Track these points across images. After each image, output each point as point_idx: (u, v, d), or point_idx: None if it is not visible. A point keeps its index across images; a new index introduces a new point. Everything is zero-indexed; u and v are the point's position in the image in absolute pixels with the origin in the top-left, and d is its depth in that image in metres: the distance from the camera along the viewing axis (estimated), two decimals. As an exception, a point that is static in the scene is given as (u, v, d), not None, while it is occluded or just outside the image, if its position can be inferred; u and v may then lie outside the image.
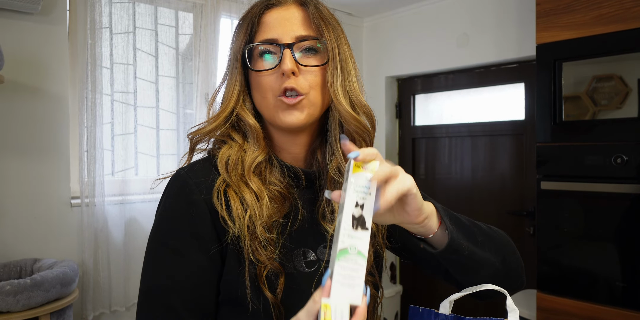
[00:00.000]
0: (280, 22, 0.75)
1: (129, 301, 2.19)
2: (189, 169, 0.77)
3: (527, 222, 2.54)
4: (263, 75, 0.75)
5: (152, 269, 0.73)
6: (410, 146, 3.14)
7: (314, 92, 0.75)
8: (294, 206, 0.77)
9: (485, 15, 2.63)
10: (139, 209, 2.23)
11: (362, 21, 3.27)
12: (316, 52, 0.76)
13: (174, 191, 0.75)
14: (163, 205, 0.76)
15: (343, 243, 0.54)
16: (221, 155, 0.76)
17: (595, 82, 1.80)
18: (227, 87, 0.79)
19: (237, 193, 0.72)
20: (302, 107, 0.74)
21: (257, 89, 0.77)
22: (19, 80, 1.90)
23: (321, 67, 0.75)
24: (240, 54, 0.77)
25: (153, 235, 0.75)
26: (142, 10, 2.33)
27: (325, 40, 0.75)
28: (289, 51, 0.73)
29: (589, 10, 1.78)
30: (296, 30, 0.75)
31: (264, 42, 0.75)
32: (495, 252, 0.77)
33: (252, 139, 0.78)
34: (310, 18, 0.75)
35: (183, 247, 0.71)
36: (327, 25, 0.75)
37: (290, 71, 0.72)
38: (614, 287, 1.74)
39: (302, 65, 0.74)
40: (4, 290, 1.51)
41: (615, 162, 1.71)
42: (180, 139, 2.45)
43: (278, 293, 0.71)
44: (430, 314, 0.71)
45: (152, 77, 2.37)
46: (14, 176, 1.92)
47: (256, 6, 0.78)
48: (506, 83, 2.69)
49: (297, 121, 0.74)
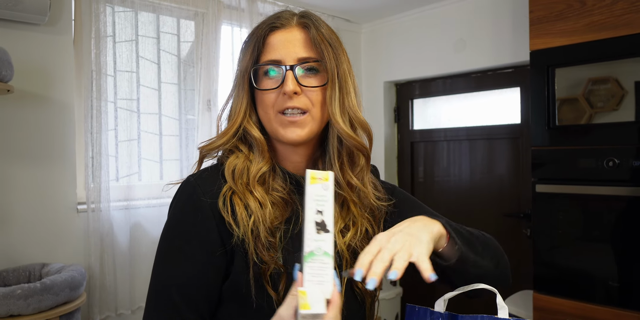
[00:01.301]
0: (283, 44, 0.80)
1: (135, 304, 2.24)
2: (197, 176, 0.82)
3: (524, 224, 2.58)
4: (266, 94, 0.81)
5: (161, 269, 0.78)
6: (409, 150, 3.19)
7: (315, 109, 0.80)
8: (295, 211, 0.82)
9: (482, 21, 2.68)
10: (143, 214, 2.28)
11: (361, 27, 3.32)
12: (317, 71, 0.81)
13: (183, 197, 0.80)
14: (173, 210, 0.81)
15: (309, 246, 0.61)
16: (228, 164, 0.81)
17: (592, 85, 1.84)
18: (235, 103, 0.85)
19: (242, 200, 0.78)
20: (304, 124, 0.80)
21: (260, 106, 0.83)
22: (26, 89, 1.95)
23: (322, 86, 0.80)
24: (247, 73, 0.82)
25: (163, 237, 0.80)
26: (145, 18, 2.37)
27: (325, 62, 0.80)
28: (291, 73, 0.78)
29: (581, 18, 1.83)
30: (298, 52, 0.80)
31: (268, 62, 0.80)
32: (491, 258, 0.83)
33: (257, 151, 0.83)
34: (312, 40, 0.80)
35: (190, 249, 0.77)
36: (326, 47, 0.80)
37: (292, 92, 0.78)
38: (609, 287, 1.78)
39: (303, 86, 0.79)
40: (15, 294, 1.55)
41: (607, 165, 1.76)
42: (183, 144, 2.49)
43: (280, 291, 0.76)
44: (426, 312, 0.75)
45: (154, 84, 2.42)
46: (22, 183, 1.96)
47: (261, 28, 0.83)
48: (502, 87, 2.74)
49: (298, 137, 0.80)
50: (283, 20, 0.82)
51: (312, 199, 0.64)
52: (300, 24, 0.82)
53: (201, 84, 2.47)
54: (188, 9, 2.46)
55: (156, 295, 0.77)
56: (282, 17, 0.83)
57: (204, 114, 2.47)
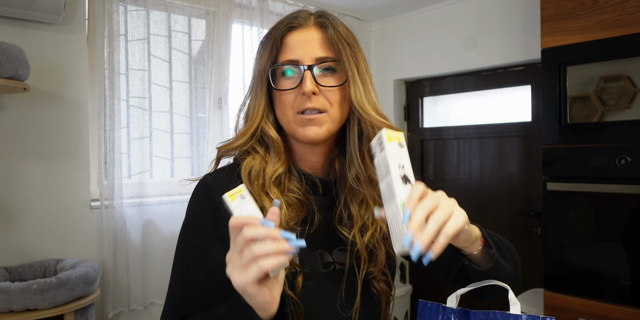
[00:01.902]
0: (301, 44, 0.80)
1: (147, 300, 2.26)
2: (214, 175, 0.83)
3: (535, 222, 2.57)
4: (285, 94, 0.80)
5: (180, 265, 0.80)
6: (419, 148, 3.18)
7: (334, 109, 0.80)
8: (311, 211, 0.83)
9: (492, 18, 2.67)
10: (155, 211, 2.30)
11: (371, 25, 3.32)
12: (335, 71, 0.81)
13: (201, 195, 0.82)
14: (190, 208, 0.82)
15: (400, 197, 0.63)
16: (245, 166, 0.82)
17: (603, 83, 1.83)
18: (252, 103, 0.85)
19: (258, 201, 0.78)
20: (322, 122, 0.80)
21: (278, 106, 0.82)
22: (41, 88, 1.98)
23: (339, 86, 0.80)
24: (265, 73, 0.82)
25: (182, 234, 0.82)
26: (156, 17, 2.39)
27: (343, 60, 0.80)
28: (309, 73, 0.78)
29: (593, 15, 1.82)
30: (316, 52, 0.80)
31: (285, 62, 0.80)
32: (512, 261, 0.82)
33: (273, 151, 0.83)
34: (329, 40, 0.80)
35: (208, 246, 0.78)
36: (344, 47, 0.80)
37: (310, 92, 0.77)
38: (621, 285, 1.77)
39: (321, 85, 0.79)
40: (32, 288, 1.58)
41: (619, 163, 1.75)
42: (194, 142, 2.51)
43: (297, 290, 0.77)
44: (438, 307, 0.76)
45: (166, 82, 2.44)
46: (37, 180, 1.99)
47: (279, 28, 0.83)
48: (513, 85, 2.73)
49: (316, 136, 0.80)
50: (300, 20, 0.82)
51: (393, 154, 0.66)
52: (317, 23, 0.82)
53: (212, 82, 2.49)
54: (199, 7, 2.48)
55: (175, 292, 0.78)
56: (300, 17, 0.83)
57: (214, 112, 2.49)
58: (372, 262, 0.84)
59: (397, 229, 0.62)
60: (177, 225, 2.32)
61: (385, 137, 0.68)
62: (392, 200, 0.64)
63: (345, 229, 0.84)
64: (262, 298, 0.60)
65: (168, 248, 2.29)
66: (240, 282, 0.58)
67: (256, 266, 0.57)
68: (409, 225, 0.59)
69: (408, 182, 0.65)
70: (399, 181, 0.64)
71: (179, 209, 2.32)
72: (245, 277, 0.58)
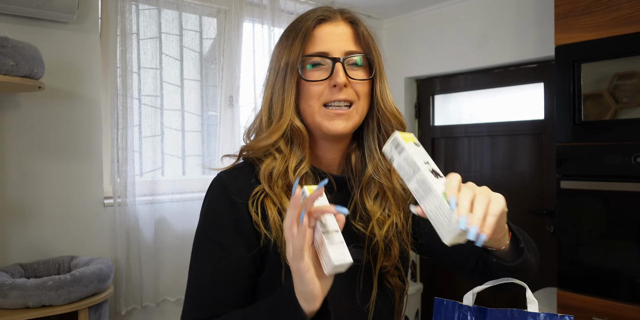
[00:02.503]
0: (330, 37, 0.81)
1: (159, 297, 2.28)
2: (229, 173, 0.83)
3: (548, 220, 2.55)
4: (314, 85, 0.80)
5: (199, 262, 0.80)
6: (430, 146, 3.17)
7: (361, 101, 0.82)
8: None
9: (504, 15, 2.65)
10: (167, 209, 2.31)
11: (382, 23, 3.31)
12: (361, 65, 0.82)
13: (217, 193, 0.81)
14: (207, 205, 0.82)
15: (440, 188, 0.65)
16: (265, 167, 0.81)
17: (617, 80, 1.81)
18: (279, 97, 0.82)
19: (276, 204, 0.78)
20: (349, 116, 0.81)
21: (304, 98, 0.82)
22: (55, 86, 2.00)
23: (367, 80, 0.82)
24: (296, 65, 0.80)
25: (199, 231, 0.81)
26: (168, 16, 2.41)
27: (371, 56, 0.82)
28: (340, 65, 0.79)
29: (608, 12, 1.80)
30: (345, 46, 0.81)
31: (315, 54, 0.81)
32: (535, 255, 0.82)
33: (297, 146, 0.82)
34: (360, 36, 0.82)
35: (227, 242, 0.78)
36: (373, 43, 0.83)
37: (343, 84, 0.79)
38: (635, 284, 1.76)
39: (352, 78, 0.80)
40: (47, 285, 1.60)
41: (635, 162, 1.73)
42: (205, 140, 2.52)
43: None
44: (454, 305, 0.76)
45: (177, 80, 2.45)
46: (51, 177, 2.01)
47: (308, 19, 0.83)
48: (525, 83, 2.71)
49: (344, 129, 0.81)
50: (330, 13, 0.83)
51: (414, 153, 0.69)
52: (346, 18, 0.84)
53: (223, 80, 2.50)
54: (210, 6, 2.48)
55: (198, 290, 0.78)
56: (327, 10, 0.84)
57: (225, 110, 2.50)
58: (386, 256, 0.84)
59: (444, 220, 0.62)
60: (189, 223, 2.34)
61: (401, 138, 0.71)
62: (431, 194, 0.65)
63: (360, 224, 0.84)
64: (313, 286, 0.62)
65: (180, 245, 2.30)
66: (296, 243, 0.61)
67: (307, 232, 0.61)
68: (458, 211, 0.60)
69: (439, 176, 0.67)
70: (431, 175, 0.66)
71: (191, 206, 2.34)
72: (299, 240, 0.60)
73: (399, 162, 0.70)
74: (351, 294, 0.82)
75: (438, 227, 0.64)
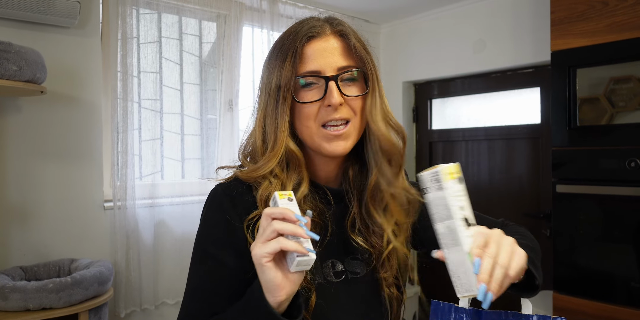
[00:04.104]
0: (321, 54, 0.78)
1: (158, 300, 2.29)
2: (225, 186, 0.81)
3: (544, 224, 2.57)
4: (308, 106, 0.78)
5: (196, 276, 0.80)
6: (428, 149, 3.19)
7: (357, 118, 0.80)
8: (324, 224, 0.82)
9: (501, 21, 2.68)
10: (167, 212, 2.33)
11: (380, 27, 3.34)
12: (356, 80, 0.80)
13: (214, 206, 0.81)
14: (204, 217, 0.82)
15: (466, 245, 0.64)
16: (262, 192, 0.78)
17: (613, 84, 1.83)
18: (273, 121, 0.79)
19: None
20: (348, 136, 0.79)
21: (299, 119, 0.79)
22: (57, 90, 2.01)
23: (363, 95, 0.80)
24: (290, 86, 0.77)
25: (196, 245, 0.82)
26: (168, 20, 2.42)
27: (365, 69, 0.79)
28: (334, 84, 0.76)
29: (603, 18, 1.82)
30: (337, 61, 0.78)
31: (306, 74, 0.77)
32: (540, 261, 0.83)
33: (292, 168, 0.80)
34: (352, 48, 0.79)
35: (223, 257, 0.77)
36: (366, 55, 0.80)
37: (338, 104, 0.76)
38: (631, 288, 1.77)
39: (346, 95, 0.78)
40: (47, 287, 1.61)
41: (629, 166, 1.76)
42: (204, 144, 2.54)
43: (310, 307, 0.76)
44: (450, 308, 0.78)
45: (177, 84, 2.47)
46: (52, 181, 2.03)
47: (295, 38, 0.79)
48: (522, 87, 2.73)
49: (344, 150, 0.79)
50: (317, 29, 0.79)
51: (452, 195, 0.66)
52: (336, 32, 0.80)
53: (222, 84, 2.52)
54: (210, 10, 2.50)
55: (191, 302, 0.78)
56: (316, 26, 0.80)
57: (225, 114, 2.52)
58: (385, 267, 0.84)
59: (463, 277, 0.64)
60: (188, 226, 2.36)
61: (442, 174, 0.67)
62: (457, 247, 0.65)
63: (358, 237, 0.84)
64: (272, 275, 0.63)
65: (179, 248, 2.32)
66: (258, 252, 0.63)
67: (276, 241, 0.63)
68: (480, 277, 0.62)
69: (470, 225, 0.65)
70: (461, 226, 0.65)
71: (190, 209, 2.35)
72: (263, 248, 0.63)
73: (433, 199, 0.68)
74: (348, 306, 0.83)
75: (455, 279, 0.65)
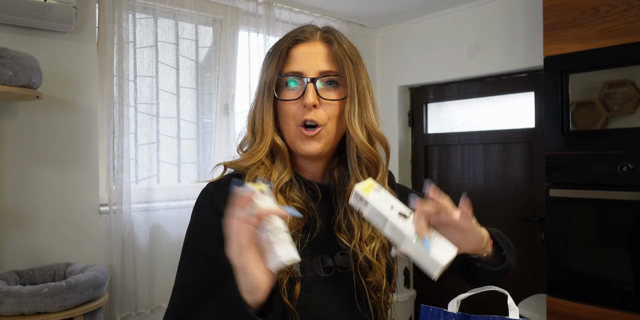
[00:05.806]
0: (306, 57, 0.83)
1: (154, 304, 2.29)
2: (217, 184, 0.85)
3: (538, 227, 2.59)
4: (288, 104, 0.83)
5: (185, 271, 0.82)
6: (423, 153, 3.21)
7: (331, 123, 0.83)
8: (312, 218, 0.85)
9: (496, 26, 2.70)
10: (162, 216, 2.33)
11: (375, 32, 3.35)
12: (337, 85, 0.83)
13: (204, 203, 0.84)
14: (194, 215, 0.85)
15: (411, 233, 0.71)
16: (249, 175, 0.83)
17: (608, 88, 1.85)
18: (260, 115, 0.85)
19: None
20: (320, 137, 0.82)
21: (282, 116, 0.84)
22: (53, 95, 2.02)
23: (340, 100, 0.83)
24: (273, 84, 0.83)
25: (186, 240, 0.84)
26: (164, 25, 2.43)
27: (344, 76, 0.82)
28: (312, 85, 0.81)
29: (594, 24, 1.84)
30: (320, 66, 0.82)
31: (290, 74, 0.83)
32: (514, 257, 0.88)
33: (279, 160, 0.85)
34: (334, 55, 0.83)
35: (211, 251, 0.79)
36: (347, 62, 0.83)
37: (312, 104, 0.80)
38: (624, 291, 1.79)
39: (323, 98, 0.81)
40: (42, 292, 1.61)
41: (621, 171, 1.77)
42: (200, 148, 2.54)
43: (294, 298, 0.78)
44: (439, 312, 0.78)
45: (173, 88, 2.47)
46: (48, 185, 2.03)
47: (285, 40, 0.85)
48: (517, 92, 2.76)
49: (315, 150, 0.83)
50: (307, 34, 0.84)
51: (377, 202, 0.73)
52: (323, 38, 0.85)
53: (219, 89, 2.53)
54: (206, 15, 2.52)
55: (179, 296, 0.80)
56: (307, 31, 0.85)
57: (221, 118, 2.53)
58: (371, 271, 0.85)
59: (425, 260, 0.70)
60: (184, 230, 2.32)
61: (360, 191, 0.74)
62: (405, 239, 0.71)
63: (343, 237, 0.86)
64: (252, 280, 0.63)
65: (175, 252, 2.31)
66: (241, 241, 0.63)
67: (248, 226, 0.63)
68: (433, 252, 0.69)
69: (406, 217, 0.72)
70: (399, 222, 0.71)
71: (186, 213, 2.34)
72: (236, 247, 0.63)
73: (367, 214, 0.74)
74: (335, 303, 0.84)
75: (422, 265, 0.71)
